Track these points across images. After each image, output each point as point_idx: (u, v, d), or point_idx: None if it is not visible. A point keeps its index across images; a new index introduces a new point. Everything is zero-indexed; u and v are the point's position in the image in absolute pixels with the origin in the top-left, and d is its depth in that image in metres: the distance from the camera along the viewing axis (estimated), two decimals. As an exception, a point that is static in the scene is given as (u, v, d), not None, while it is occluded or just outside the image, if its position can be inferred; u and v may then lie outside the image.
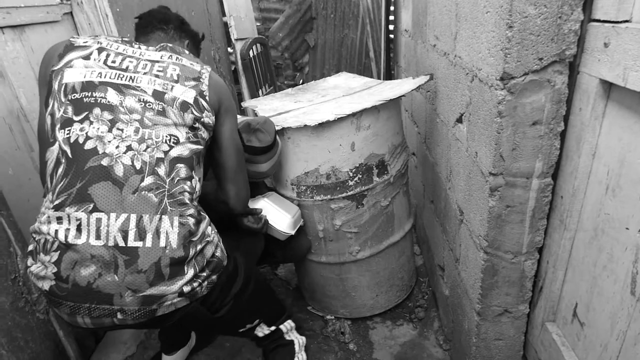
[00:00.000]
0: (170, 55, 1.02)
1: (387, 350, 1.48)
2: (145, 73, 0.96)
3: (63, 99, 0.90)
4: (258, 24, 4.46)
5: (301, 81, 4.89)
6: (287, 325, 1.30)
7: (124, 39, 1.04)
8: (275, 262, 1.81)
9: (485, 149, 0.96)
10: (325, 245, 1.48)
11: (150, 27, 1.14)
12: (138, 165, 0.87)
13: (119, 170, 0.86)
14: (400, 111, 1.54)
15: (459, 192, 1.21)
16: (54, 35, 1.32)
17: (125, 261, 0.82)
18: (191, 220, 0.90)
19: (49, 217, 0.84)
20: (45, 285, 0.82)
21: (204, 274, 0.92)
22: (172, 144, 0.92)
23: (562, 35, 0.82)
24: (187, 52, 1.08)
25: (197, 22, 2.50)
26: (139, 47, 1.02)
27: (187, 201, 0.91)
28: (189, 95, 0.97)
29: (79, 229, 0.82)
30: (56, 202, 0.84)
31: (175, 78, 0.98)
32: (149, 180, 0.87)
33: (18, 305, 0.99)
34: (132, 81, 0.94)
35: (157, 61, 0.99)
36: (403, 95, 1.33)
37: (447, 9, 1.23)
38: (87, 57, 0.94)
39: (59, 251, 0.82)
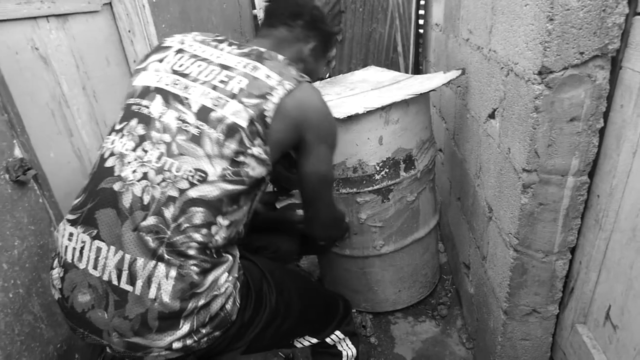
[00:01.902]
0: (248, 64, 0.86)
1: (408, 346, 1.48)
2: (204, 82, 0.83)
3: (123, 103, 0.87)
4: (286, 17, 4.47)
5: (328, 75, 4.88)
6: (335, 338, 1.10)
7: (217, 37, 0.94)
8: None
9: (519, 145, 0.94)
10: (349, 239, 1.49)
11: (274, 19, 1.00)
12: (146, 200, 0.75)
13: (126, 200, 0.76)
14: (429, 106, 1.52)
15: (488, 189, 1.19)
16: (93, 25, 1.37)
17: (115, 302, 0.74)
18: (194, 271, 0.75)
19: (64, 229, 0.80)
20: (55, 295, 0.80)
21: (204, 330, 0.78)
22: (196, 182, 0.77)
23: (605, 29, 0.80)
24: (281, 58, 0.90)
25: (229, 14, 2.54)
26: (222, 49, 0.90)
27: (193, 252, 0.75)
28: (243, 117, 0.79)
29: (81, 252, 0.76)
30: (71, 217, 0.80)
31: (235, 92, 0.81)
32: (150, 220, 0.75)
33: (57, 282, 1.03)
34: (186, 90, 0.83)
35: (229, 67, 0.85)
36: (433, 90, 1.32)
37: (483, 2, 1.21)
38: (161, 60, 0.89)
39: (64, 268, 0.78)
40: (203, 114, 0.80)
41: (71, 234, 0.78)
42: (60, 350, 1.04)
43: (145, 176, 0.77)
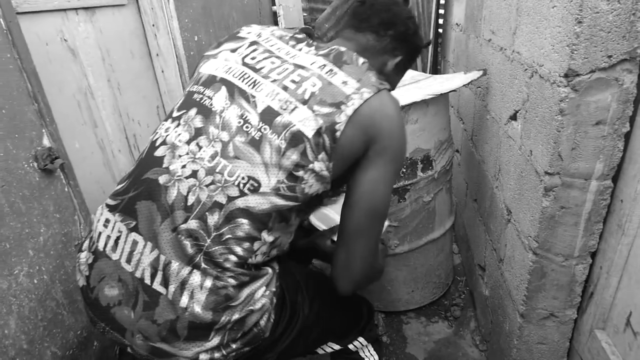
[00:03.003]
0: (324, 65, 0.78)
1: (420, 346, 1.48)
2: (274, 81, 0.76)
3: (186, 89, 0.82)
4: (305, 14, 4.48)
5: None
6: (358, 344, 1.01)
7: (296, 35, 0.86)
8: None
9: (541, 148, 0.93)
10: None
11: (364, 23, 0.89)
12: (190, 201, 0.69)
13: (170, 197, 0.70)
14: (448, 107, 1.51)
15: (507, 191, 1.19)
16: (120, 18, 1.40)
17: (145, 302, 0.69)
18: (231, 284, 0.69)
19: (101, 213, 0.76)
20: (80, 281, 0.75)
21: (234, 345, 0.72)
22: (247, 191, 0.70)
23: (634, 33, 0.79)
24: (361, 62, 0.81)
25: (249, 11, 2.55)
26: (300, 49, 0.82)
27: (230, 265, 0.69)
28: (310, 126, 0.71)
29: (117, 242, 0.72)
30: (111, 203, 0.75)
31: (306, 97, 0.73)
32: (191, 224, 0.69)
33: (79, 269, 1.06)
34: (254, 87, 0.76)
35: (303, 67, 0.77)
36: (454, 90, 1.31)
37: (507, 2, 1.20)
38: (234, 50, 0.83)
39: (94, 256, 0.73)
40: (268, 116, 0.72)
41: (107, 220, 0.74)
42: (80, 337, 1.07)
43: (194, 174, 0.70)
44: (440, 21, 2.83)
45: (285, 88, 0.75)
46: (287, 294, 0.80)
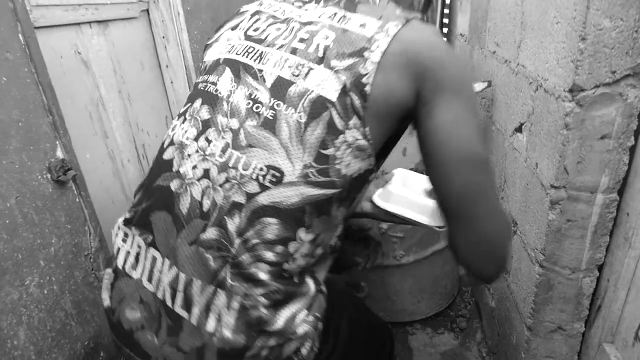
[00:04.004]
0: (334, 14, 0.64)
1: (426, 358, 1.47)
2: (281, 46, 0.64)
3: (193, 85, 0.74)
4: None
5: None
6: None
7: None
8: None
9: (547, 161, 0.94)
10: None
11: None
12: (206, 206, 0.59)
13: (184, 204, 0.60)
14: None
15: (513, 203, 1.19)
16: (131, 30, 1.43)
17: (169, 327, 0.60)
18: (262, 303, 0.57)
19: (119, 227, 0.69)
20: (105, 300, 0.68)
21: None
22: (268, 183, 0.58)
23: (637, 49, 0.80)
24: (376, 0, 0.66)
25: None
26: (308, 9, 0.69)
27: (264, 276, 0.58)
28: (332, 87, 0.58)
29: (137, 258, 0.64)
30: (128, 216, 0.68)
31: (320, 53, 0.60)
32: (210, 233, 0.58)
33: (88, 280, 1.08)
34: (260, 60, 0.64)
35: (311, 22, 0.65)
36: (459, 102, 1.33)
37: (512, 16, 1.22)
38: (234, 28, 0.72)
39: (114, 274, 0.67)
40: (279, 89, 0.60)
41: (126, 235, 0.67)
42: (87, 348, 1.08)
43: (206, 174, 0.60)
44: (445, 30, 2.85)
45: (294, 51, 0.62)
46: (332, 320, 0.68)
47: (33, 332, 0.91)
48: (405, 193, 0.88)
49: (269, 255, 0.58)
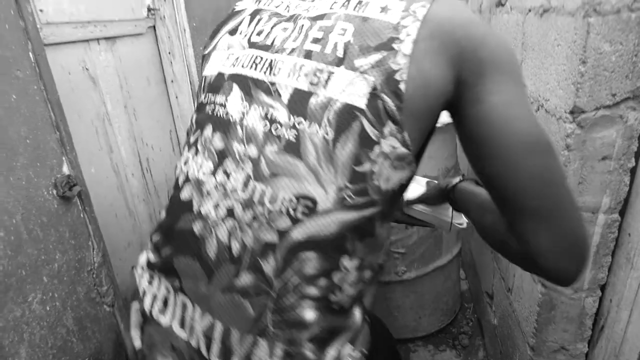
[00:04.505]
0: (347, 1, 0.56)
1: (427, 375, 1.46)
2: (292, 50, 0.55)
3: (195, 103, 0.66)
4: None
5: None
6: None
7: None
8: None
9: (548, 181, 0.95)
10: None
11: None
12: (235, 249, 0.53)
13: (210, 249, 0.55)
14: (455, 134, 1.54)
15: (515, 221, 1.20)
16: (138, 46, 1.45)
17: None
18: (309, 348, 0.52)
19: (143, 268, 0.64)
20: (136, 342, 0.63)
21: None
22: (300, 216, 0.51)
23: (637, 73, 0.81)
24: None
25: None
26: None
27: (310, 317, 0.52)
28: (359, 91, 0.50)
29: (165, 303, 0.59)
30: (150, 258, 0.62)
31: (340, 53, 0.52)
32: (245, 278, 0.52)
33: (90, 296, 1.08)
34: (270, 70, 0.56)
35: (322, 16, 0.56)
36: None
37: (512, 35, 1.24)
38: (233, 32, 0.63)
39: (143, 318, 0.61)
40: (298, 103, 0.52)
41: (151, 277, 0.62)
42: (88, 364, 1.07)
43: (230, 213, 0.53)
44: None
45: (308, 54, 0.54)
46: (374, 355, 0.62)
47: (34, 350, 0.90)
48: (413, 194, 0.87)
49: (313, 291, 0.52)
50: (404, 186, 0.56)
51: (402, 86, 0.49)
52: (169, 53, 1.58)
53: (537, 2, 1.05)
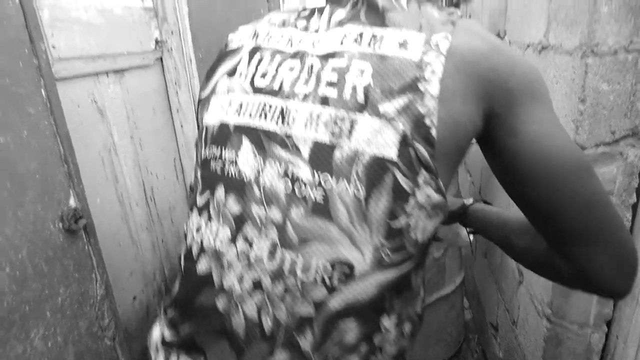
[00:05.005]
0: (360, 34, 0.51)
1: (432, 409, 1.43)
2: (306, 96, 0.51)
3: (198, 157, 0.60)
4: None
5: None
6: None
7: (301, 12, 0.59)
8: None
9: (551, 215, 0.95)
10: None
11: None
12: (267, 326, 0.49)
13: (238, 325, 0.50)
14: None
15: (518, 253, 1.20)
16: (145, 78, 1.48)
17: None
18: None
19: (157, 347, 0.59)
20: None
21: None
22: (337, 283, 0.47)
23: (635, 111, 0.83)
24: (403, 3, 0.52)
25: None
26: (318, 28, 0.55)
27: None
28: (388, 141, 0.46)
29: None
30: (166, 336, 0.57)
31: (360, 98, 0.48)
32: (281, 356, 0.49)
33: (92, 330, 1.07)
34: (283, 120, 0.51)
35: (333, 54, 0.51)
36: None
37: (512, 70, 1.27)
38: (232, 72, 0.58)
39: None
40: (321, 158, 0.48)
41: (168, 354, 0.57)
42: (88, 398, 1.06)
43: (258, 286, 0.49)
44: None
45: (324, 100, 0.49)
46: None
47: (35, 386, 0.89)
48: None
49: (354, 358, 0.49)
50: (435, 231, 0.54)
51: (433, 131, 0.46)
52: (175, 83, 1.62)
53: (535, 38, 1.08)
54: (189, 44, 1.60)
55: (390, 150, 0.46)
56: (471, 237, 0.94)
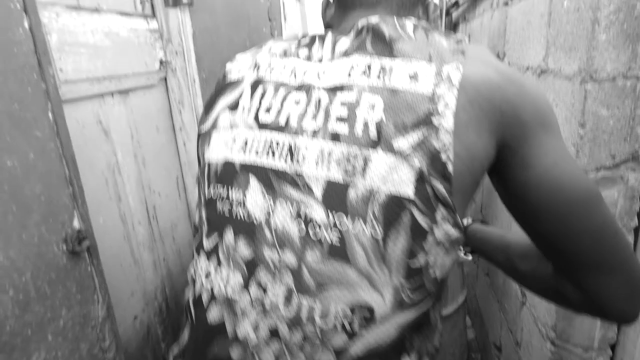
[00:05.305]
0: (368, 66, 0.49)
1: None
2: (315, 133, 0.49)
3: (202, 196, 0.58)
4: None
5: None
6: None
7: (301, 40, 0.58)
8: None
9: (553, 238, 0.96)
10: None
11: None
12: None
13: None
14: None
15: (521, 274, 1.20)
16: (149, 97, 1.50)
17: None
18: None
19: None
20: None
21: None
22: (358, 328, 0.46)
23: (635, 136, 0.84)
24: (410, 27, 0.51)
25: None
26: (321, 57, 0.54)
27: None
28: (405, 179, 0.45)
29: None
30: None
31: (373, 134, 0.46)
32: None
33: (93, 352, 1.06)
34: (292, 158, 0.49)
35: (342, 87, 0.49)
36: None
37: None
38: (234, 106, 0.56)
39: None
40: (335, 198, 0.46)
41: None
42: (87, 423, 1.04)
43: (274, 334, 0.48)
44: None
45: (335, 137, 0.47)
46: None
47: (34, 411, 0.88)
48: None
49: None
50: (452, 267, 0.53)
51: (449, 167, 0.46)
52: (179, 102, 1.64)
53: (534, 62, 1.10)
54: (193, 64, 1.63)
55: (406, 188, 0.45)
56: (469, 256, 0.95)
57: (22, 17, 0.87)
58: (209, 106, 0.62)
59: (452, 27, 2.42)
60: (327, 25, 0.64)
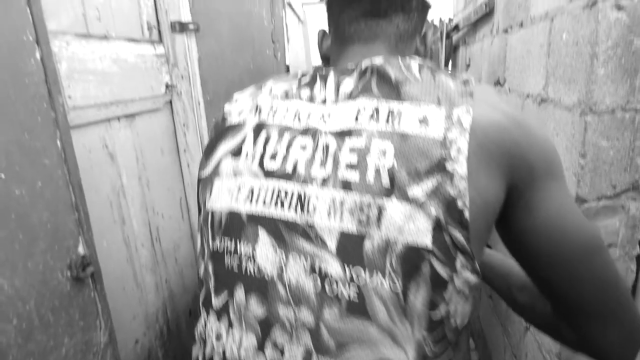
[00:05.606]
0: (376, 110, 0.47)
1: None
2: (324, 181, 0.47)
3: (206, 247, 0.56)
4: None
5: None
6: None
7: (301, 79, 0.56)
8: None
9: (556, 266, 0.96)
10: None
11: (385, 3, 0.55)
12: None
13: None
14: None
15: (524, 300, 1.19)
16: (155, 120, 1.52)
17: None
18: None
19: None
20: None
21: None
22: None
23: (635, 166, 0.85)
24: (415, 67, 0.50)
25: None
26: (324, 98, 0.52)
27: None
28: (422, 228, 0.44)
29: None
30: None
31: (386, 181, 0.45)
32: None
33: (94, 375, 1.05)
34: (302, 208, 0.47)
35: (349, 132, 0.48)
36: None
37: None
38: (237, 153, 0.54)
39: None
40: (350, 250, 0.45)
41: None
42: None
43: None
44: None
45: (346, 185, 0.45)
46: None
47: None
48: None
49: None
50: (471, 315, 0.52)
51: (466, 214, 0.44)
52: (184, 125, 1.66)
53: (535, 90, 1.12)
54: (198, 87, 1.66)
55: (424, 238, 0.43)
56: None
57: (34, 48, 0.89)
58: (209, 151, 0.59)
59: (452, 50, 2.47)
60: (324, 57, 0.64)
